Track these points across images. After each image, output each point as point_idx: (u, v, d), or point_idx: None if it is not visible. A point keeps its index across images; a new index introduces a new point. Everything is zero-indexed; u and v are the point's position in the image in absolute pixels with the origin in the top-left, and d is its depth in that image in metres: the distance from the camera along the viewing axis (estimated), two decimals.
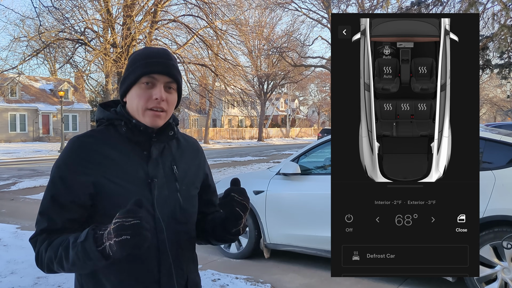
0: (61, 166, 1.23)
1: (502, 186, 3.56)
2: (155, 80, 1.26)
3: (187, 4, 17.65)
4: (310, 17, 34.29)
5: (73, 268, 1.15)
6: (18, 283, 4.02)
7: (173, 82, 1.28)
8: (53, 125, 38.19)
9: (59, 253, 1.15)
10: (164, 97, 1.25)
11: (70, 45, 16.78)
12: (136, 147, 1.29)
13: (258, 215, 4.80)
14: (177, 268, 1.30)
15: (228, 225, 1.32)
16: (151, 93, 1.25)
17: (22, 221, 6.94)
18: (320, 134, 32.40)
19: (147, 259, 1.25)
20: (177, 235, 1.30)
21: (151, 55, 1.28)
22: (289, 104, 54.90)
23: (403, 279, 4.22)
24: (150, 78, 1.25)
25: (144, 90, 1.26)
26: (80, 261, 1.11)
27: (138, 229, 1.05)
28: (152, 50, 1.30)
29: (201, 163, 1.47)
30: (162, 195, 1.28)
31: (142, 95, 1.25)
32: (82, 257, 1.10)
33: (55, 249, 1.16)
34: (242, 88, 21.28)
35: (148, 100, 1.25)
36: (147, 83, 1.25)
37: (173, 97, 1.30)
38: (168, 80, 1.27)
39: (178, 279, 1.30)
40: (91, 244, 1.08)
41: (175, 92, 1.31)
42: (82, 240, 1.11)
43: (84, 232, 1.12)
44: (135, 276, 1.24)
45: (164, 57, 1.28)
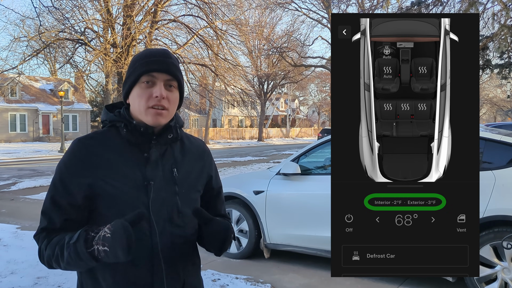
0: (62, 168, 1.27)
1: (502, 186, 3.56)
2: (155, 78, 1.26)
3: (187, 4, 17.65)
4: (310, 17, 34.29)
5: (68, 266, 1.20)
6: (18, 283, 4.02)
7: (173, 80, 1.28)
8: (53, 125, 38.18)
9: (55, 252, 1.19)
10: (165, 94, 1.25)
11: (70, 45, 16.79)
12: (136, 149, 1.29)
13: (258, 215, 4.80)
14: (172, 272, 1.30)
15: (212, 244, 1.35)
16: (151, 91, 1.25)
17: (22, 221, 6.94)
18: (320, 134, 32.40)
19: (142, 261, 1.26)
20: (173, 239, 1.30)
21: (150, 55, 1.28)
22: (289, 104, 54.90)
23: (403, 279, 4.22)
24: (150, 76, 1.25)
25: (144, 89, 1.26)
26: (73, 261, 1.16)
27: (113, 245, 1.10)
28: (151, 50, 1.31)
29: (206, 165, 1.45)
30: (159, 198, 1.28)
31: (142, 94, 1.26)
32: (74, 257, 1.15)
33: (53, 248, 1.21)
34: (242, 88, 21.28)
35: (149, 98, 1.25)
36: (147, 82, 1.26)
37: (174, 95, 1.29)
38: (167, 78, 1.27)
39: (172, 283, 1.30)
40: (82, 246, 1.14)
41: (176, 90, 1.31)
42: (74, 241, 1.15)
43: (77, 233, 1.17)
44: (129, 278, 1.25)
45: (163, 55, 1.28)
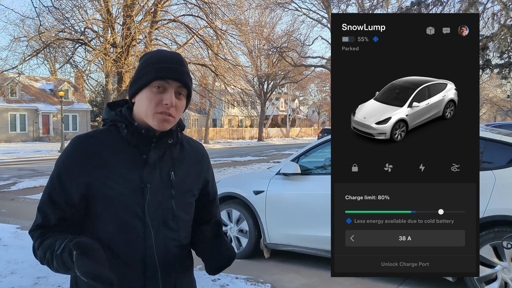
0: (60, 165, 1.27)
1: (502, 186, 3.56)
2: (167, 85, 1.26)
3: (187, 4, 17.63)
4: (310, 17, 34.24)
5: (59, 272, 1.20)
6: (18, 283, 4.02)
7: (184, 88, 1.29)
8: (53, 125, 38.16)
9: (46, 257, 1.20)
10: (175, 103, 1.26)
11: (70, 45, 16.76)
12: (135, 151, 1.29)
13: (258, 215, 4.80)
14: (165, 274, 1.30)
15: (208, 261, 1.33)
16: (162, 97, 1.25)
17: (22, 221, 6.93)
18: (320, 134, 32.37)
19: (135, 263, 1.26)
20: (167, 242, 1.30)
21: (165, 60, 1.27)
22: (289, 104, 54.87)
23: (403, 279, 4.21)
24: (162, 82, 1.25)
25: (155, 94, 1.25)
26: (62, 269, 1.17)
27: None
28: (166, 54, 1.29)
29: (203, 170, 1.46)
30: (154, 200, 1.28)
31: (152, 98, 1.25)
32: (62, 267, 1.16)
33: (44, 251, 1.21)
34: (242, 88, 21.25)
35: (158, 104, 1.25)
36: (159, 87, 1.25)
37: (182, 103, 1.30)
38: (179, 86, 1.27)
39: (165, 285, 1.30)
40: (67, 257, 1.13)
41: (185, 98, 1.31)
42: (59, 252, 1.15)
43: (63, 244, 1.16)
44: (122, 280, 1.25)
45: (177, 63, 1.28)
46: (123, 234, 1.25)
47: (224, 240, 1.32)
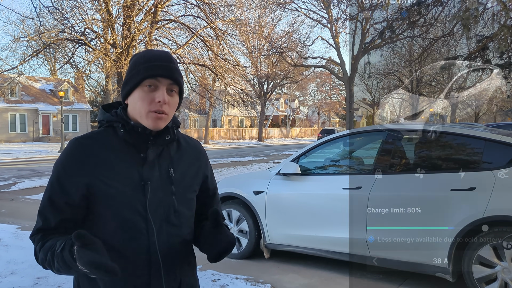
0: (59, 167, 1.27)
1: (502, 186, 3.56)
2: (158, 83, 1.26)
3: (187, 4, 17.64)
4: (310, 17, 34.20)
5: (60, 273, 1.20)
6: (18, 283, 4.02)
7: (175, 84, 1.30)
8: (53, 126, 38.16)
9: (48, 258, 1.20)
10: (167, 100, 1.26)
11: (70, 45, 16.77)
12: (133, 149, 1.30)
13: (258, 215, 4.80)
14: (169, 270, 1.31)
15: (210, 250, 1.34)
16: (154, 96, 1.26)
17: (22, 221, 6.93)
18: (320, 134, 32.41)
19: (138, 260, 1.27)
20: (170, 238, 1.31)
21: (153, 58, 1.28)
22: (289, 104, 54.88)
23: (403, 279, 4.22)
24: (153, 81, 1.26)
25: (147, 93, 1.26)
26: (63, 268, 1.16)
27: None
28: (154, 53, 1.31)
29: (202, 165, 1.47)
30: (156, 197, 1.29)
31: (145, 97, 1.26)
32: (63, 265, 1.15)
33: (45, 252, 1.21)
34: (242, 88, 21.25)
35: (151, 103, 1.26)
36: (150, 86, 1.26)
37: (174, 100, 1.31)
38: (170, 82, 1.28)
39: (169, 282, 1.31)
40: (68, 256, 1.13)
41: (177, 95, 1.32)
42: (60, 250, 1.15)
43: (64, 242, 1.16)
44: (127, 277, 1.25)
45: (166, 60, 1.29)
46: (126, 232, 1.25)
47: (223, 228, 1.32)
